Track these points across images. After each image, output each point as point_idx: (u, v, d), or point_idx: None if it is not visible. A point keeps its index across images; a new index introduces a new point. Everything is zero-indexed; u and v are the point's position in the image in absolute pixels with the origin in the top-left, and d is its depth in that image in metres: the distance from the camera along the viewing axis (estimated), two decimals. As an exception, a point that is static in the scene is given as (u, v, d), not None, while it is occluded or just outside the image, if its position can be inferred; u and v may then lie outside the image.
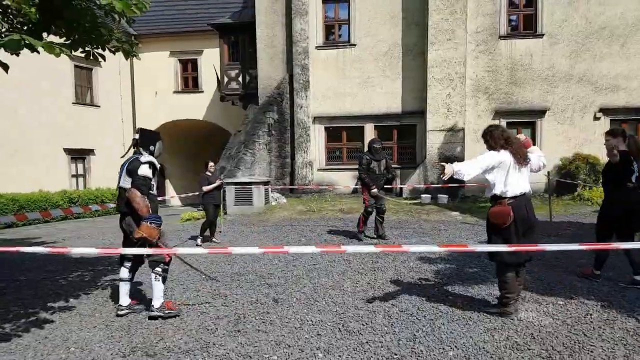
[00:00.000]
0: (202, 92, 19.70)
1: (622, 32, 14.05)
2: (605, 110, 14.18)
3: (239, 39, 17.32)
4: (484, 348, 3.43)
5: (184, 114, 19.75)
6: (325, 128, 15.93)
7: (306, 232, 9.59)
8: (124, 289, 4.46)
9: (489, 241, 4.16)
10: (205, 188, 8.49)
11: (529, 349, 3.39)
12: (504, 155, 3.95)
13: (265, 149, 15.73)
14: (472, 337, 3.65)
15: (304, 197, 14.83)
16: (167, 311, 4.29)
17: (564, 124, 14.42)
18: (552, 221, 9.87)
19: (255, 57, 16.20)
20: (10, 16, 3.97)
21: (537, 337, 3.60)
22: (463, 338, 3.63)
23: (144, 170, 4.24)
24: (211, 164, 8.84)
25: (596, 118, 14.25)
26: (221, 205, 8.97)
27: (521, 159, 3.96)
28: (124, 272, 4.47)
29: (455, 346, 3.48)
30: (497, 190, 3.99)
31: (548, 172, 11.00)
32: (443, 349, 3.45)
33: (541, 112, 14.48)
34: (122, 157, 4.61)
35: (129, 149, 4.58)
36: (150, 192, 4.35)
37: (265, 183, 13.87)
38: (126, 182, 4.28)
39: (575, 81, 14.33)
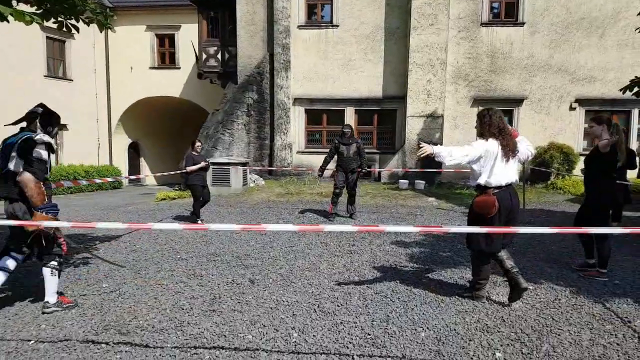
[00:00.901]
0: (179, 68, 19.26)
1: (600, 23, 14.29)
2: (581, 101, 14.49)
3: (218, 14, 16.90)
4: (455, 330, 3.52)
5: (160, 90, 19.29)
6: (306, 110, 15.82)
7: (284, 214, 9.59)
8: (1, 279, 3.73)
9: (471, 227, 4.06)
10: (190, 168, 8.34)
11: (499, 332, 3.49)
12: (492, 145, 3.83)
13: (244, 130, 15.55)
14: (443, 319, 3.74)
15: (282, 179, 14.79)
16: (65, 305, 3.94)
17: (540, 113, 14.68)
18: (525, 209, 10.11)
19: (235, 35, 15.88)
20: (-23, -19, 3.76)
21: (507, 320, 3.70)
22: (435, 320, 3.72)
23: (41, 153, 3.65)
24: (198, 143, 8.74)
25: (572, 108, 14.55)
26: (208, 186, 8.86)
27: (509, 151, 3.84)
28: (5, 262, 3.75)
29: (427, 327, 3.57)
30: (481, 180, 3.90)
31: (523, 161, 11.21)
32: (415, 330, 3.52)
33: (519, 101, 14.70)
34: (9, 125, 3.90)
35: (18, 122, 3.83)
36: (46, 177, 3.79)
37: (244, 164, 13.74)
38: (16, 165, 3.63)
39: (553, 71, 14.56)
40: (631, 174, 10.24)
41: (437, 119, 14.56)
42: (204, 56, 17.12)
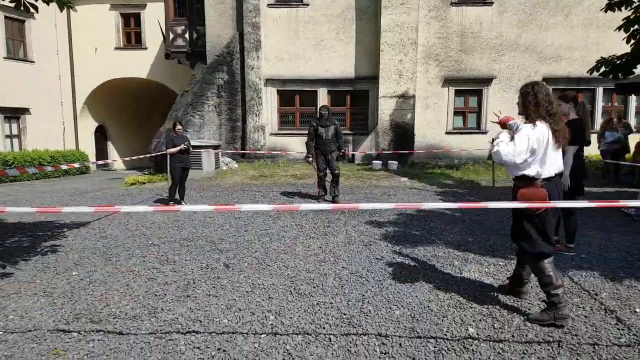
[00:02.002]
0: (146, 49, 18.63)
1: (566, 2, 14.55)
2: (547, 80, 14.77)
3: (186, -7, 16.37)
4: (428, 307, 3.59)
5: (126, 72, 18.66)
6: (278, 91, 15.62)
7: (258, 197, 9.53)
8: None
9: (520, 231, 3.35)
10: (170, 150, 8.33)
11: (471, 307, 3.58)
12: (541, 130, 3.14)
13: (214, 111, 15.27)
14: (417, 296, 3.81)
15: (256, 162, 14.66)
16: None
17: (509, 92, 14.92)
18: (494, 186, 10.37)
19: (203, 13, 15.43)
20: None
21: (479, 296, 3.80)
22: (409, 298, 3.78)
23: None
24: (179, 126, 8.66)
25: (539, 87, 14.84)
26: (189, 169, 8.85)
27: (561, 137, 3.19)
28: None
29: (402, 305, 3.63)
30: (530, 171, 3.20)
31: (493, 139, 11.43)
32: (390, 308, 3.58)
33: (488, 80, 14.90)
34: None
35: None
36: None
37: (215, 147, 13.53)
38: None
39: (521, 50, 14.78)
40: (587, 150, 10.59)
41: (408, 99, 14.64)
42: (171, 36, 16.61)
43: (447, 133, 15.21)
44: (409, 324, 3.30)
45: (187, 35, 16.54)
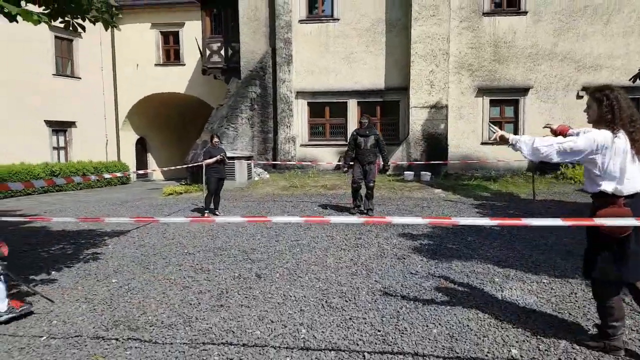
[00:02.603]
0: (184, 65, 19.25)
1: (605, 10, 14.12)
2: (588, 89, 14.31)
3: (221, 11, 16.87)
4: (468, 326, 3.45)
5: (165, 87, 19.31)
6: (308, 103, 15.80)
7: (289, 207, 9.60)
8: None
9: (594, 256, 2.93)
10: (206, 161, 8.69)
11: (514, 327, 3.40)
12: (620, 140, 2.75)
13: (247, 124, 15.57)
14: (456, 314, 3.67)
15: (286, 172, 14.80)
16: (18, 311, 3.75)
17: (547, 102, 14.55)
18: (535, 199, 10.05)
19: (238, 30, 15.85)
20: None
21: (522, 316, 3.61)
22: (447, 315, 3.65)
23: None
24: (216, 139, 9.01)
25: (579, 97, 14.40)
26: (224, 179, 9.16)
27: None
28: None
29: (439, 323, 3.51)
30: (607, 187, 2.81)
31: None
32: (427, 326, 3.47)
33: (524, 90, 14.58)
34: None
35: None
36: None
37: (248, 158, 13.77)
38: None
39: (558, 59, 14.41)
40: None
41: (441, 109, 14.48)
42: (208, 52, 17.11)
43: (482, 143, 14.92)
44: (447, 344, 3.18)
45: (222, 52, 17.01)
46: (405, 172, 13.54)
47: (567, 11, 14.23)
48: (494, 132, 3.16)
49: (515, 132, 14.89)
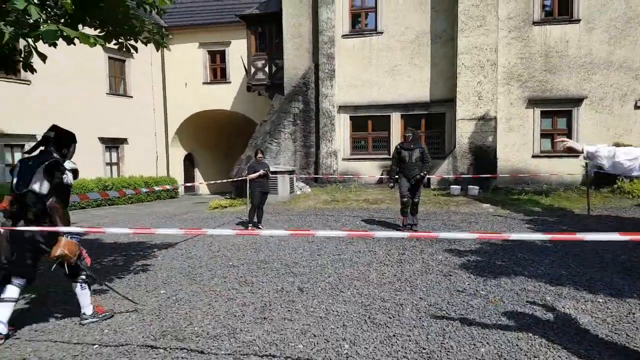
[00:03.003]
0: (230, 82, 19.84)
1: (665, 16, 13.37)
2: (647, 99, 13.59)
3: (265, 29, 17.32)
4: (517, 345, 3.31)
5: (212, 104, 19.96)
6: (351, 117, 15.82)
7: (331, 221, 9.58)
8: (6, 312, 3.61)
9: None
10: (250, 176, 8.91)
11: (566, 348, 3.25)
12: None
13: (290, 139, 15.77)
14: (504, 333, 3.53)
15: (328, 186, 14.82)
16: (100, 315, 4.00)
17: (602, 113, 13.86)
18: (590, 215, 9.53)
19: (282, 47, 16.19)
20: (48, 8, 4.05)
21: (575, 336, 3.45)
22: (495, 334, 3.52)
23: (69, 180, 3.77)
24: (260, 154, 9.23)
25: (637, 107, 13.63)
26: (268, 193, 9.34)
27: None
28: (13, 291, 3.66)
29: (487, 342, 3.38)
30: None
31: (586, 163, 10.61)
32: (474, 344, 3.36)
33: (578, 101, 13.96)
34: (27, 152, 3.90)
35: (36, 148, 3.88)
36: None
37: (290, 172, 13.91)
38: (41, 187, 3.62)
39: (614, 68, 13.73)
40: None
41: (489, 121, 14.10)
42: (253, 70, 17.56)
43: (533, 156, 14.37)
44: (494, 362, 3.06)
45: (266, 69, 17.41)
46: (452, 186, 13.22)
47: (623, 18, 13.58)
48: (562, 143, 2.93)
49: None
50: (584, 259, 5.83)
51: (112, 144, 18.06)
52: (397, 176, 8.12)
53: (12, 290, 3.66)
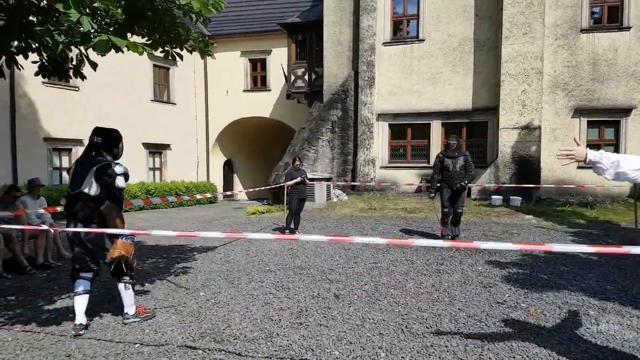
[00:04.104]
0: (270, 90, 20.15)
1: None
2: None
3: (306, 37, 17.55)
4: (558, 360, 3.22)
5: (252, 111, 20.32)
6: (390, 125, 15.74)
7: (367, 229, 9.53)
8: (83, 304, 3.88)
9: None
10: (287, 183, 9.01)
11: (610, 365, 3.13)
12: None
13: (328, 146, 15.82)
14: (545, 347, 3.43)
15: (365, 194, 14.75)
16: (142, 316, 4.12)
17: (653, 123, 13.19)
18: (637, 228, 9.07)
19: (322, 55, 16.34)
20: (99, 17, 4.26)
21: (620, 352, 3.32)
22: (536, 348, 3.42)
23: (122, 183, 3.84)
24: (297, 162, 9.33)
25: (692, 117, 12.90)
26: (305, 200, 9.38)
27: None
28: (85, 285, 3.92)
29: (527, 356, 3.29)
30: None
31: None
32: (513, 357, 3.27)
33: (626, 111, 13.37)
34: (81, 156, 4.03)
35: (87, 153, 3.99)
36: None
37: (328, 179, 13.96)
38: (90, 189, 3.77)
39: (668, 76, 13.06)
40: None
41: (533, 130, 13.68)
42: (292, 77, 17.80)
43: (579, 168, 13.77)
44: (535, 377, 2.98)
45: (306, 77, 17.61)
46: (493, 197, 12.87)
47: (678, 23, 12.93)
48: (569, 150, 2.81)
49: (618, 155, 13.62)
50: (631, 273, 5.58)
51: (156, 149, 18.66)
52: (438, 185, 7.90)
53: (83, 285, 3.91)
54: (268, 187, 13.47)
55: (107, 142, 3.99)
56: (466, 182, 7.75)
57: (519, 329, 3.82)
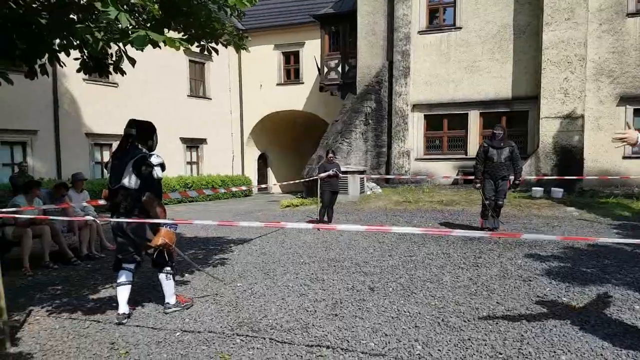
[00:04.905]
0: (303, 83, 20.19)
1: None
2: None
3: (339, 28, 17.44)
4: (602, 355, 3.11)
5: (285, 105, 20.42)
6: (425, 116, 15.47)
7: (402, 222, 9.44)
8: (125, 294, 4.01)
9: None
10: (320, 175, 9.05)
11: (659, 362, 3.00)
12: None
13: (361, 138, 15.72)
14: (587, 342, 3.32)
15: (399, 187, 14.60)
16: (182, 305, 4.21)
17: None
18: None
19: (355, 46, 16.20)
20: (136, 14, 4.36)
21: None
22: (577, 342, 3.32)
23: (160, 173, 3.92)
24: (330, 154, 9.37)
25: None
26: (337, 193, 9.39)
27: None
28: (127, 275, 4.04)
29: (569, 350, 3.20)
30: None
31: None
32: (554, 352, 3.18)
33: (679, 97, 12.63)
34: (117, 151, 4.11)
35: (124, 144, 4.05)
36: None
37: (361, 172, 13.88)
38: (130, 181, 3.86)
39: None
40: None
41: (576, 120, 13.15)
42: (325, 70, 17.75)
43: (624, 158, 13.21)
44: (578, 373, 2.89)
45: (339, 68, 17.52)
46: (534, 188, 12.47)
47: None
48: (622, 133, 2.81)
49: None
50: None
51: (192, 143, 19.09)
52: (481, 177, 7.68)
53: (125, 275, 4.03)
54: (301, 180, 13.56)
55: (141, 133, 4.04)
56: (519, 181, 7.59)
57: (560, 323, 3.70)
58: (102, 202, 5.41)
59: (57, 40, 4.30)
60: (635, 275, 5.06)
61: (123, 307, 3.98)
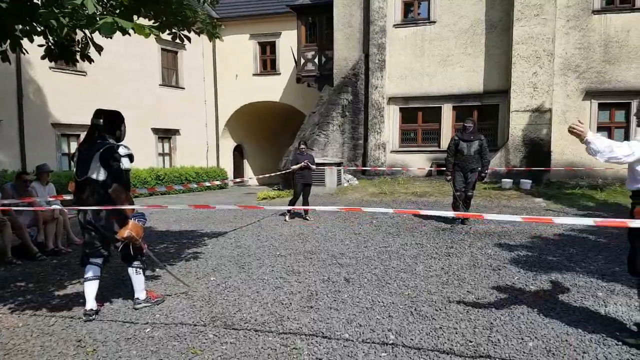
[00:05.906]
0: (279, 74, 20.01)
1: None
2: None
3: (316, 19, 17.35)
4: (567, 341, 3.24)
5: (261, 96, 20.22)
6: (400, 109, 15.61)
7: (378, 214, 9.52)
8: (93, 290, 3.90)
9: (633, 250, 3.23)
10: (293, 167, 9.04)
11: (617, 345, 3.15)
12: None
13: (338, 130, 15.75)
14: (553, 328, 3.45)
15: (376, 179, 14.73)
16: (153, 300, 4.12)
17: (669, 105, 12.93)
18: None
19: (332, 38, 16.16)
20: (104, 0, 4.22)
21: (626, 333, 3.33)
22: (544, 329, 3.44)
23: (127, 164, 3.83)
24: (302, 145, 9.36)
25: None
26: (310, 185, 9.38)
27: None
28: (95, 270, 3.91)
29: (536, 337, 3.32)
30: None
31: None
32: (522, 339, 3.29)
33: (637, 93, 13.10)
34: (83, 141, 4.04)
35: (90, 135, 3.95)
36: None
37: (338, 164, 13.94)
38: (98, 174, 3.76)
39: (685, 56, 12.75)
40: None
41: (544, 113, 13.50)
42: (302, 61, 17.65)
43: (588, 150, 13.64)
44: (544, 358, 3.00)
45: (316, 60, 17.45)
46: (503, 180, 12.78)
47: (697, 1, 12.57)
48: (576, 125, 3.13)
49: (626, 138, 13.41)
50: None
51: (165, 134, 18.70)
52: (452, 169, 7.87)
53: (93, 270, 3.90)
54: (277, 173, 13.49)
55: (109, 124, 3.93)
56: (484, 174, 7.77)
57: (528, 310, 3.83)
58: (68, 197, 5.24)
59: (20, 26, 4.12)
60: (598, 263, 5.28)
61: (90, 303, 3.87)
